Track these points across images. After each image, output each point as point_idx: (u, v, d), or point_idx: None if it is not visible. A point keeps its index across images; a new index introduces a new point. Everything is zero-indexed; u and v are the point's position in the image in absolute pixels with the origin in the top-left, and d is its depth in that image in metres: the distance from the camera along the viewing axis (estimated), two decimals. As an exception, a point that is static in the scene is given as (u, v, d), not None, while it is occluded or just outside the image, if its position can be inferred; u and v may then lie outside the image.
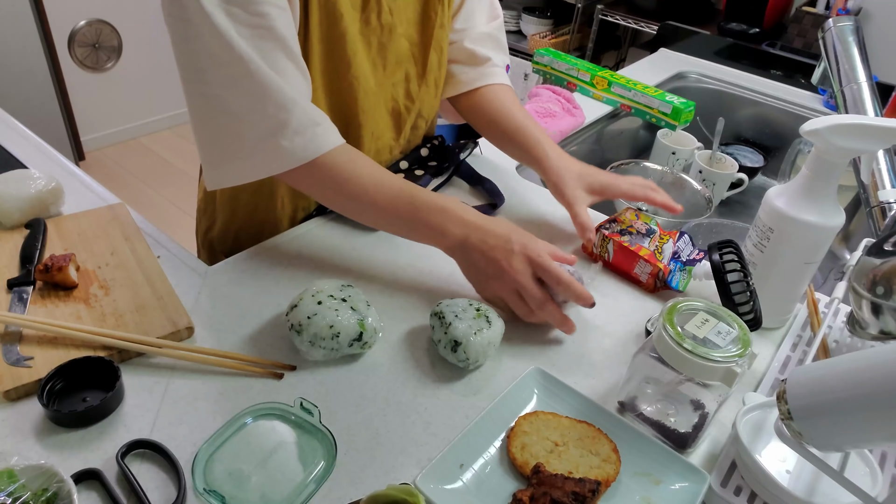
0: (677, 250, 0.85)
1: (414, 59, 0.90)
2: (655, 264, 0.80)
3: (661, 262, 0.81)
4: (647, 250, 0.82)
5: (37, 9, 2.60)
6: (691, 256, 0.85)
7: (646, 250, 0.82)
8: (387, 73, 0.88)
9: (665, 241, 0.85)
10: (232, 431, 0.60)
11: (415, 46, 0.89)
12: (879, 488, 0.57)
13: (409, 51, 0.89)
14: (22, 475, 0.52)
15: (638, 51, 3.26)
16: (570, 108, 1.31)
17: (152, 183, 2.97)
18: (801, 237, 0.72)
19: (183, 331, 0.70)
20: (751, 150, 1.45)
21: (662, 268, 0.80)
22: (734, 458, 0.61)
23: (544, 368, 0.69)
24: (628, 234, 0.84)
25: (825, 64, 1.17)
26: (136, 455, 0.59)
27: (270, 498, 0.56)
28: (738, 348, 0.58)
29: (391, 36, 0.85)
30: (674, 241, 0.85)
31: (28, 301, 0.72)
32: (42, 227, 0.82)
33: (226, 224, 0.97)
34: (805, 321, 0.82)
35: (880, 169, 0.97)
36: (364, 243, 0.89)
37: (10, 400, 0.62)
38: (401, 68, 0.89)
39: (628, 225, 0.86)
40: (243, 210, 0.94)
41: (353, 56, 0.81)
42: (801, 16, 2.15)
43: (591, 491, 0.55)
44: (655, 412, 0.65)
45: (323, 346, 0.67)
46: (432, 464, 0.58)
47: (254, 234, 0.94)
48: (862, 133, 0.66)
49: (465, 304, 0.72)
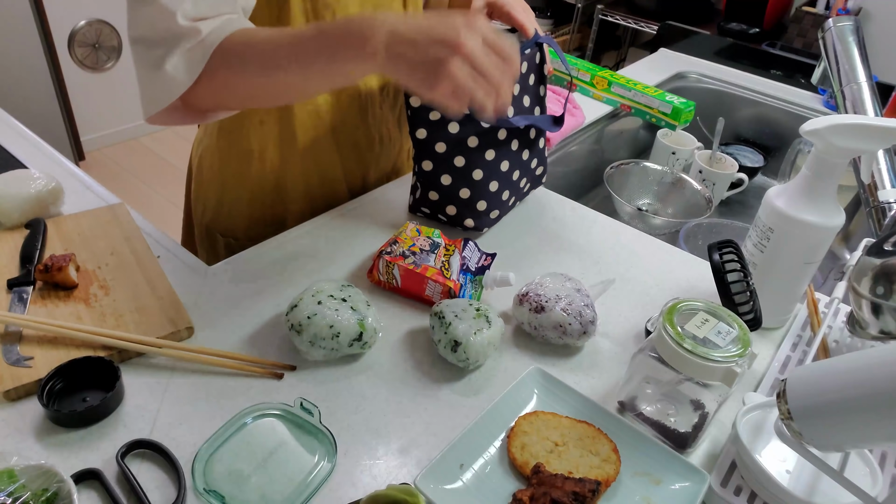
0: (465, 260, 0.82)
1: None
2: (444, 283, 0.76)
3: (451, 278, 0.77)
4: (433, 269, 0.77)
5: (37, 9, 2.60)
6: (480, 263, 0.83)
7: (432, 269, 0.77)
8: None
9: (451, 252, 0.81)
10: (232, 431, 0.60)
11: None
12: (879, 488, 0.57)
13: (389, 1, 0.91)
14: (22, 475, 0.52)
15: (638, 51, 3.27)
16: (570, 108, 1.31)
17: (152, 183, 2.97)
18: (801, 237, 0.72)
19: (183, 331, 0.70)
20: (751, 150, 1.45)
21: (452, 285, 0.76)
22: (734, 458, 0.61)
23: (544, 368, 0.69)
24: (412, 255, 0.79)
25: (825, 64, 1.17)
26: (136, 455, 0.59)
27: (270, 498, 0.56)
28: (738, 348, 0.58)
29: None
30: (459, 250, 0.82)
31: (28, 301, 0.72)
32: (42, 227, 0.82)
33: (218, 200, 0.99)
34: (805, 321, 0.82)
35: (880, 169, 0.97)
36: (364, 243, 0.89)
37: (10, 400, 0.62)
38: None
39: (410, 244, 0.80)
40: (233, 180, 0.96)
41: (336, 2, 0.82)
42: (801, 16, 2.15)
43: (591, 491, 0.55)
44: (655, 412, 0.65)
45: (323, 346, 0.67)
46: (432, 464, 0.58)
47: (245, 207, 0.97)
48: (862, 133, 0.66)
49: (465, 304, 0.72)
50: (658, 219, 1.15)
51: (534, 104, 0.93)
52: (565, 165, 1.27)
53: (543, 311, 0.73)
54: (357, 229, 0.92)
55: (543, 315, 0.73)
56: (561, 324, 0.72)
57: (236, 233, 1.00)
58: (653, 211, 1.26)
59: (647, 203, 1.27)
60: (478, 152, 0.87)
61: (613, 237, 0.95)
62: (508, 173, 0.91)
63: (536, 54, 0.91)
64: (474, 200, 0.89)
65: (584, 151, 1.32)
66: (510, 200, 0.95)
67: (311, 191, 0.97)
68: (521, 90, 0.90)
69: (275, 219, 0.98)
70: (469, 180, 0.88)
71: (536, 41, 0.89)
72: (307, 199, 0.98)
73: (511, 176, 0.92)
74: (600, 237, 0.95)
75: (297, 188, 0.96)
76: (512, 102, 0.88)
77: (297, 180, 0.96)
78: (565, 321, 0.72)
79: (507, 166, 0.91)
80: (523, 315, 0.75)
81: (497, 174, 0.90)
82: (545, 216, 0.99)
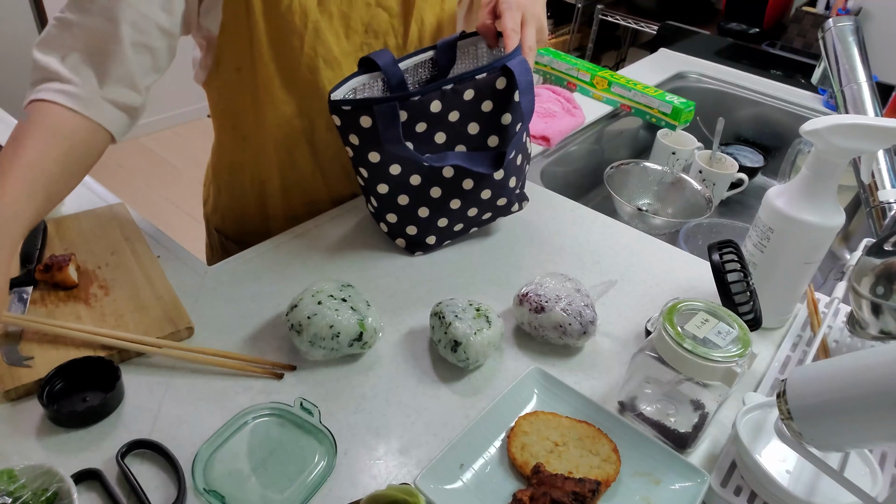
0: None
1: (394, 31, 0.90)
2: None
3: None
4: None
5: (37, 8, 2.60)
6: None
7: None
8: (350, 42, 0.87)
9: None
10: (232, 431, 0.60)
11: (395, 18, 0.89)
12: (879, 488, 0.57)
13: (388, 23, 0.89)
14: (22, 475, 0.52)
15: (638, 51, 3.27)
16: (570, 108, 1.31)
17: (152, 183, 2.97)
18: (801, 237, 0.72)
19: (183, 331, 0.70)
20: (751, 150, 1.45)
21: None
22: (734, 458, 0.61)
23: (544, 368, 0.69)
24: None
25: (825, 64, 1.17)
26: (136, 455, 0.59)
27: (270, 498, 0.56)
28: (738, 348, 0.58)
29: (352, 3, 0.84)
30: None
31: (28, 301, 0.72)
32: (42, 227, 0.82)
33: (225, 203, 1.01)
34: (805, 321, 0.82)
35: (880, 169, 0.97)
36: (364, 243, 0.89)
37: (10, 400, 0.62)
38: (378, 40, 0.89)
39: None
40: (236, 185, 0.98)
41: (308, 28, 0.81)
42: (801, 16, 2.16)
43: (591, 491, 0.55)
44: (655, 412, 0.65)
45: (323, 346, 0.67)
46: (432, 464, 0.58)
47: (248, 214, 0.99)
48: (862, 133, 0.66)
49: (465, 304, 0.72)
50: (658, 219, 1.15)
51: (488, 133, 0.82)
52: (565, 165, 1.27)
53: (543, 312, 0.73)
54: (357, 229, 0.91)
55: (543, 315, 0.73)
56: (561, 324, 0.72)
57: (232, 232, 1.02)
58: (653, 211, 1.26)
59: (647, 203, 1.27)
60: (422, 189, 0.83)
61: (613, 237, 0.95)
62: (460, 210, 0.86)
63: (499, 79, 0.78)
64: (423, 236, 0.87)
65: (584, 151, 1.32)
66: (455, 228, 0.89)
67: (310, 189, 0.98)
68: (464, 118, 0.80)
69: (286, 213, 0.98)
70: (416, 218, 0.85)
71: (504, 64, 0.77)
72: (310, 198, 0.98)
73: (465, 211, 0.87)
74: (600, 237, 0.95)
75: (298, 187, 0.97)
76: (453, 131, 0.80)
77: (299, 179, 0.96)
78: (565, 321, 0.72)
79: (458, 204, 0.85)
80: (523, 315, 0.75)
81: (445, 210, 0.85)
82: (545, 216, 0.99)
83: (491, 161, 0.82)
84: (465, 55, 0.89)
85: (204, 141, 3.29)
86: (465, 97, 0.78)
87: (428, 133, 0.79)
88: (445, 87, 0.77)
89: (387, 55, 0.81)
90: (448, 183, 0.83)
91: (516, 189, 0.89)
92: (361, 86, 0.82)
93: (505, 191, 0.87)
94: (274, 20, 0.79)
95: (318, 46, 0.83)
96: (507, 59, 0.78)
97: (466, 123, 0.80)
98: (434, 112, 0.78)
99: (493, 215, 0.91)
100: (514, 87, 0.79)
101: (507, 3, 0.80)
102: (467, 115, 0.80)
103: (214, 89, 0.89)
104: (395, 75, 0.82)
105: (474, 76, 0.78)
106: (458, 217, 0.87)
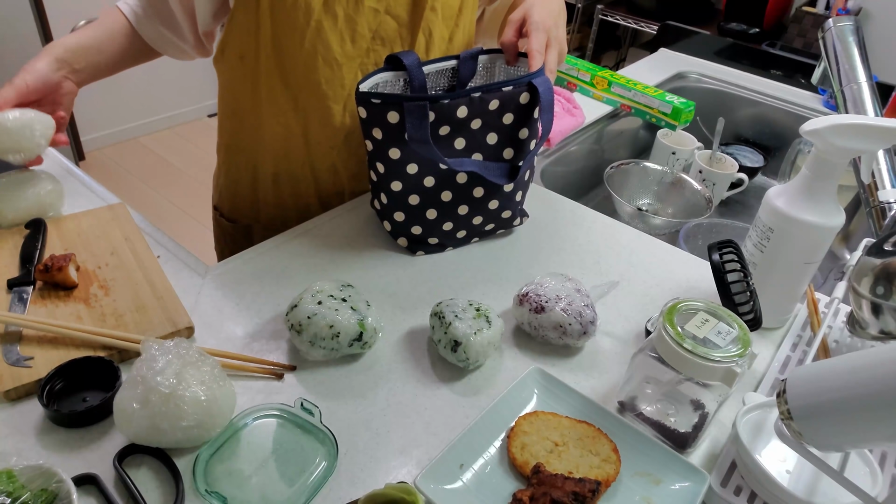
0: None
1: (401, 40, 0.90)
2: None
3: None
4: None
5: (37, 9, 2.60)
6: None
7: None
8: (356, 47, 0.88)
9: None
10: (232, 431, 0.60)
11: (403, 27, 0.90)
12: (879, 488, 0.57)
13: (396, 31, 0.89)
14: (21, 475, 0.52)
15: (638, 51, 3.27)
16: (570, 108, 1.31)
17: (152, 183, 2.97)
18: (801, 237, 0.72)
19: (183, 331, 0.70)
20: (751, 150, 1.45)
21: None
22: (734, 458, 0.61)
23: (544, 368, 0.69)
24: None
25: (825, 64, 1.17)
26: (136, 456, 0.59)
27: (271, 498, 0.56)
28: (738, 348, 0.58)
29: (359, 8, 0.85)
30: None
31: (28, 301, 0.72)
32: (42, 227, 0.82)
33: (223, 182, 1.05)
34: (805, 321, 0.82)
35: (880, 169, 0.97)
36: (364, 243, 0.89)
37: (10, 400, 0.62)
38: (385, 47, 0.90)
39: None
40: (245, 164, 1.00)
41: (310, 26, 0.83)
42: (801, 16, 2.16)
43: (591, 491, 0.55)
44: (655, 412, 0.65)
45: (323, 346, 0.67)
46: (432, 464, 0.58)
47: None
48: (862, 133, 0.66)
49: (465, 304, 0.72)
50: (658, 219, 1.15)
51: (505, 145, 0.84)
52: (565, 165, 1.27)
53: (543, 312, 0.73)
54: (358, 229, 0.91)
55: (543, 315, 0.73)
56: (561, 324, 0.72)
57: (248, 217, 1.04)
58: (653, 211, 1.26)
59: (647, 203, 1.27)
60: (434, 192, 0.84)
61: (613, 237, 0.95)
62: (467, 216, 0.87)
63: (524, 94, 0.81)
64: (426, 236, 0.87)
65: (584, 151, 1.32)
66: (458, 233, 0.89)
67: (316, 188, 0.98)
68: (485, 127, 0.81)
69: (297, 204, 0.99)
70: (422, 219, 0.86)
71: (531, 80, 0.80)
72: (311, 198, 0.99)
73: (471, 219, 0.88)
74: (600, 237, 0.95)
75: (301, 184, 0.97)
76: (473, 138, 0.81)
77: (301, 178, 0.97)
78: (565, 321, 0.72)
79: (466, 210, 0.86)
80: (523, 315, 0.75)
81: (452, 215, 0.86)
82: (545, 216, 0.99)
83: (506, 173, 0.84)
84: (483, 69, 0.91)
85: (204, 141, 3.30)
86: (489, 107, 0.80)
87: (449, 137, 0.81)
88: (474, 95, 0.79)
89: (413, 56, 0.82)
90: (460, 189, 0.84)
91: (521, 204, 0.92)
92: (384, 82, 0.83)
93: (511, 203, 0.89)
94: (279, 14, 0.82)
95: (318, 45, 0.84)
96: (531, 76, 0.80)
97: (486, 133, 0.82)
98: (460, 118, 0.79)
99: (496, 227, 0.92)
100: (537, 103, 0.81)
101: (535, 25, 0.83)
102: (488, 125, 0.82)
103: (221, 72, 0.94)
104: (417, 77, 0.83)
105: (501, 87, 0.80)
106: (463, 223, 0.88)
